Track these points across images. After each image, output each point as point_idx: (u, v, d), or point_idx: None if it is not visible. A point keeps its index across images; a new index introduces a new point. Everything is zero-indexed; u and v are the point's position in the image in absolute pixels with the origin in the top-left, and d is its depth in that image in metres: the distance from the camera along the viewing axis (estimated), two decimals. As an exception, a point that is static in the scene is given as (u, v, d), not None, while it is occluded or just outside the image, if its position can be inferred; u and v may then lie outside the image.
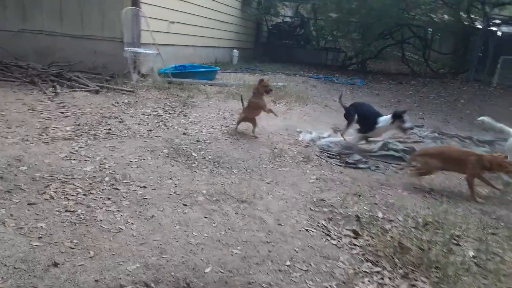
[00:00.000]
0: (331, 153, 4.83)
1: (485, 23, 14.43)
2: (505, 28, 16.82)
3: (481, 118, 5.08)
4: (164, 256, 2.41)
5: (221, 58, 12.39)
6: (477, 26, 14.57)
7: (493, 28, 15.27)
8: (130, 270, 2.25)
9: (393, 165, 4.66)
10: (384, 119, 4.78)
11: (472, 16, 14.69)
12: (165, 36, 8.67)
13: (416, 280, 2.41)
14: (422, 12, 14.01)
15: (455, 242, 2.92)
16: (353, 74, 13.10)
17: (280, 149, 4.78)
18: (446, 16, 16.22)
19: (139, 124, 5.08)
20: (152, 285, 2.16)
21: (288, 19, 17.24)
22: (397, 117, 4.64)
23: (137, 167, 3.72)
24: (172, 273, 2.27)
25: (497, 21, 15.58)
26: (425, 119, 7.74)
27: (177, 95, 6.77)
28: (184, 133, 4.88)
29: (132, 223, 2.74)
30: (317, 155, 4.74)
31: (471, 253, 2.77)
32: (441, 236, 2.93)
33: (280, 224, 2.99)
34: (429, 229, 3.05)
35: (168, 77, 7.78)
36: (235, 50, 12.96)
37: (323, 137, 5.42)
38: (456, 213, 3.42)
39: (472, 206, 3.63)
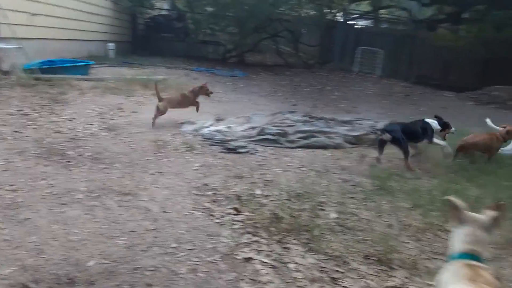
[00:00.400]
0: (214, 141, 5.03)
1: (345, 17, 16.19)
2: (361, 22, 19.09)
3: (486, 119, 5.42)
4: (42, 256, 2.32)
5: (96, 51, 11.66)
6: (339, 20, 16.23)
7: (352, 22, 17.21)
8: (5, 274, 2.12)
9: (270, 147, 5.05)
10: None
11: (334, 11, 16.32)
12: (27, 29, 7.86)
13: (288, 243, 2.73)
14: (289, 7, 15.04)
15: (321, 208, 3.35)
16: (233, 67, 13.50)
17: (164, 140, 4.80)
18: (312, 11, 17.73)
19: (3, 125, 4.60)
20: (32, 285, 2.07)
21: (165, 12, 16.94)
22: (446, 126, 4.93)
23: (4, 170, 3.41)
24: (53, 271, 2.20)
25: (355, 16, 17.59)
26: (297, 105, 8.46)
27: (47, 92, 6.26)
28: (56, 132, 4.58)
29: (4, 228, 2.55)
30: (200, 144, 4.89)
31: (334, 215, 3.22)
32: (309, 204, 3.34)
33: (165, 211, 3.07)
34: (299, 199, 3.44)
35: (35, 73, 7.10)
36: (110, 44, 12.32)
37: (206, 127, 5.58)
38: (322, 183, 3.90)
39: (335, 176, 4.17)
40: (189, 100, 5.96)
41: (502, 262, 2.70)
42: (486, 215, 1.78)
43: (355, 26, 17.17)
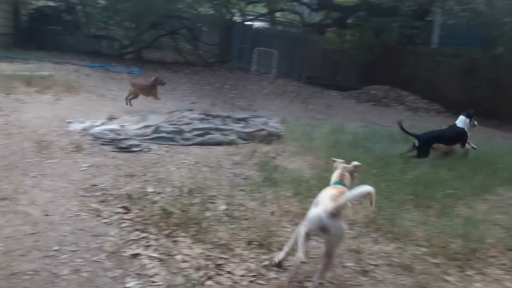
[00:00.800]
0: (105, 140, 4.87)
1: (242, 18, 16.66)
2: (258, 23, 19.82)
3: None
4: None
5: (-33, 44, 10.33)
6: (237, 20, 16.65)
7: (249, 23, 17.78)
8: None
9: (165, 145, 5.07)
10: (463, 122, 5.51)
11: (232, 11, 16.68)
12: None
13: (177, 237, 2.83)
14: (187, 5, 15.00)
15: (211, 201, 3.51)
16: (130, 63, 13.03)
17: (48, 141, 4.53)
18: (210, 11, 17.89)
19: None
20: None
21: (52, 3, 15.61)
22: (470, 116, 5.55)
23: None
24: None
25: (251, 17, 18.20)
26: (196, 103, 8.53)
27: None
28: None
29: None
30: (90, 144, 4.70)
31: (223, 207, 3.40)
32: (200, 198, 3.47)
33: (47, 215, 2.95)
34: (191, 194, 3.56)
35: None
36: (-15, 35, 11.00)
37: (97, 126, 5.38)
38: (213, 178, 4.07)
39: (227, 171, 4.36)
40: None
41: (365, 238, 3.14)
42: (351, 165, 2.88)
43: (253, 27, 17.79)
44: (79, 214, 3.00)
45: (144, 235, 2.80)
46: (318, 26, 17.51)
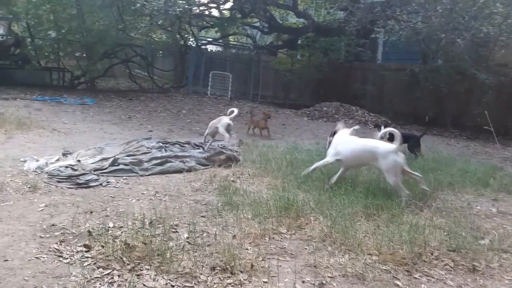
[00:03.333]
0: (62, 177, 4.81)
1: (196, 43, 16.90)
2: (212, 48, 20.15)
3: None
4: None
5: None
6: (191, 45, 16.86)
7: (203, 47, 18.05)
8: None
9: (124, 177, 5.06)
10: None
11: (186, 36, 16.89)
12: None
13: (141, 270, 2.87)
14: (141, 33, 15.05)
15: (174, 230, 3.57)
16: (82, 94, 12.82)
17: (1, 183, 4.41)
18: (164, 37, 18.00)
19: None
20: None
21: (-1, 38, 15.14)
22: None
23: None
24: None
25: (205, 41, 18.49)
26: (153, 131, 8.55)
27: None
28: None
29: None
30: (45, 182, 4.62)
31: (185, 235, 3.47)
32: (162, 229, 3.52)
33: (6, 260, 2.89)
34: (153, 226, 3.60)
35: None
36: None
37: (52, 163, 5.29)
38: (175, 207, 4.13)
39: (187, 199, 4.44)
40: None
41: (322, 252, 3.31)
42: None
43: (207, 51, 18.07)
44: (39, 257, 2.97)
45: (108, 271, 2.82)
46: (269, 48, 18.11)
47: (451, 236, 3.63)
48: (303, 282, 2.87)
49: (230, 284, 2.76)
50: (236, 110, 6.91)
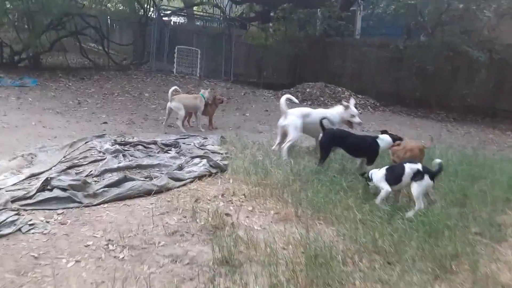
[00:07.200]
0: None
1: (157, 13, 14.58)
2: (176, 19, 17.75)
3: None
4: None
5: None
6: (153, 16, 14.54)
7: (166, 19, 15.73)
8: None
9: (60, 210, 3.25)
10: None
11: (146, 6, 14.53)
12: None
13: None
14: (92, 1, 12.61)
15: None
16: (24, 73, 10.44)
17: None
18: (120, 6, 15.52)
19: None
20: None
21: None
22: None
23: None
24: None
25: (168, 12, 16.14)
26: (109, 123, 6.60)
27: None
28: None
29: None
30: None
31: None
32: None
33: None
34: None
35: None
36: None
37: None
38: (139, 274, 2.43)
39: (160, 254, 2.71)
40: None
41: None
42: None
43: (171, 24, 15.79)
44: None
45: None
46: (240, 20, 16.05)
47: None
48: None
49: None
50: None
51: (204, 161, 4.43)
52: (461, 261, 2.50)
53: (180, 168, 4.29)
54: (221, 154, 4.93)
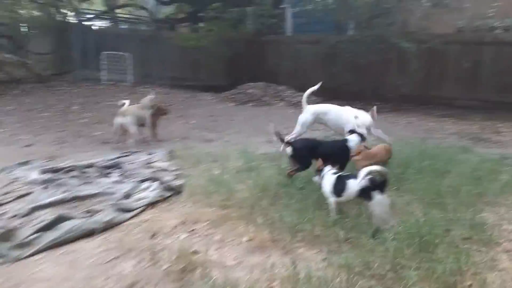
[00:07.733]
0: None
1: (78, 18, 13.31)
2: (99, 23, 16.40)
3: None
4: None
5: None
6: (73, 21, 13.24)
7: (89, 23, 14.45)
8: None
9: (-22, 273, 2.52)
10: None
11: (64, 11, 13.18)
12: None
13: None
14: (3, 8, 11.13)
15: None
16: None
17: None
18: (35, 12, 13.92)
19: None
20: None
21: None
22: None
23: None
24: None
25: (90, 16, 14.85)
26: (33, 145, 5.66)
27: None
28: None
29: None
30: None
31: None
32: None
33: None
34: None
35: None
36: None
37: None
38: None
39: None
40: None
41: None
42: None
43: (94, 28, 14.52)
44: None
45: None
46: (169, 22, 15.24)
47: None
48: None
49: None
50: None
51: (155, 183, 3.86)
52: (465, 277, 2.26)
53: (127, 196, 3.67)
54: (173, 171, 4.37)
